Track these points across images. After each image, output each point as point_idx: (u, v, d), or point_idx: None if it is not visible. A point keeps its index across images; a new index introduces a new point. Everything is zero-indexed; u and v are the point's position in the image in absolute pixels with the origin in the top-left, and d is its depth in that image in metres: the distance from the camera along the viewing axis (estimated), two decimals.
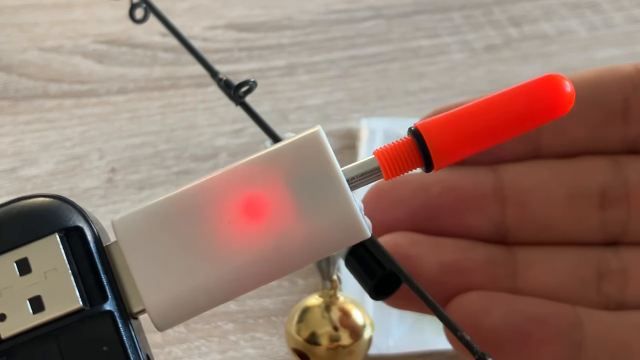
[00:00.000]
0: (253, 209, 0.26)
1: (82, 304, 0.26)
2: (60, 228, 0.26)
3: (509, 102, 0.27)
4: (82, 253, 0.26)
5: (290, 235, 0.26)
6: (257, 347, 0.43)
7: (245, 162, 0.27)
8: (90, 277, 0.26)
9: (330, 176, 0.26)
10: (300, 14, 0.63)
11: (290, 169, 0.27)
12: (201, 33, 0.61)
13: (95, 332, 0.26)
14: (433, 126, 0.27)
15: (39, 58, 0.59)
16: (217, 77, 0.35)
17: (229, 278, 0.26)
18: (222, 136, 0.54)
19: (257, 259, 0.26)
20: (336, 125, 0.55)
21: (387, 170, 0.27)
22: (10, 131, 0.54)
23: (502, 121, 0.26)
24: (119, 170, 0.52)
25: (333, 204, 0.26)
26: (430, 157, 0.27)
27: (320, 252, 0.27)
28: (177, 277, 0.26)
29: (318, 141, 0.27)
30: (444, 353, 0.42)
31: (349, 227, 0.26)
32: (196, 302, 0.26)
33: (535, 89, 0.27)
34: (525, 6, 0.63)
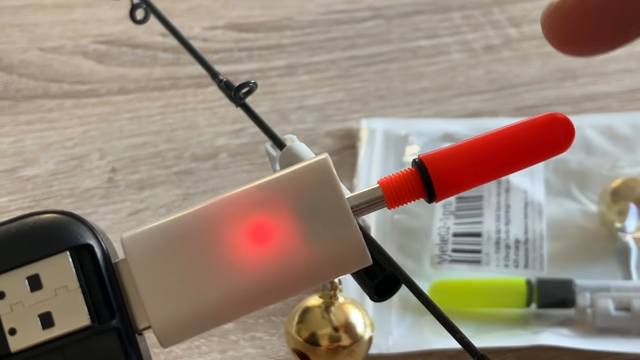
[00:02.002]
0: (259, 234, 0.27)
1: (91, 321, 0.26)
2: (71, 246, 0.27)
3: (512, 138, 0.27)
4: (91, 270, 0.27)
5: (295, 260, 0.27)
6: (257, 347, 0.43)
7: (253, 186, 0.27)
8: (98, 294, 0.27)
9: (336, 204, 0.27)
10: (300, 14, 0.63)
11: (297, 195, 0.27)
12: (201, 33, 0.61)
13: (102, 348, 0.26)
14: (437, 158, 0.27)
15: (39, 58, 0.59)
16: (218, 78, 0.35)
17: (233, 300, 0.27)
18: (222, 136, 0.54)
19: (261, 282, 0.27)
20: (336, 125, 0.55)
21: (391, 199, 0.28)
22: (11, 131, 0.54)
23: (504, 156, 0.27)
24: (119, 170, 0.52)
25: (338, 232, 0.27)
26: (432, 189, 0.27)
27: (324, 277, 0.28)
28: (182, 296, 0.27)
29: (325, 169, 0.27)
30: (444, 352, 0.42)
31: (353, 254, 0.27)
32: (200, 321, 0.27)
33: (538, 127, 0.27)
34: (525, 6, 0.63)
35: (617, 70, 0.58)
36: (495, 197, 0.48)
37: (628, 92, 0.56)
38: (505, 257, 0.45)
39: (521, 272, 0.44)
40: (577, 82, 0.57)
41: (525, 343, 0.42)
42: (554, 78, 0.57)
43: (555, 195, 0.49)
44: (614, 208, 0.46)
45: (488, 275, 0.45)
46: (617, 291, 0.42)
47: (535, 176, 0.49)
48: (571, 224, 0.47)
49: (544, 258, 0.45)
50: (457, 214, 0.47)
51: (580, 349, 0.41)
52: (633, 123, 0.53)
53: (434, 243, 0.46)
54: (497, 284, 0.44)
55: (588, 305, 0.42)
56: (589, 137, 0.52)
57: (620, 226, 0.45)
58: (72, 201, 0.50)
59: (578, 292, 0.43)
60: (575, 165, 0.50)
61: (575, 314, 0.43)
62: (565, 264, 0.45)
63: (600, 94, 0.56)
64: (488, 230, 0.46)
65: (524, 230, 0.46)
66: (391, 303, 0.44)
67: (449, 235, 0.46)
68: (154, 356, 0.43)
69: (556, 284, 0.43)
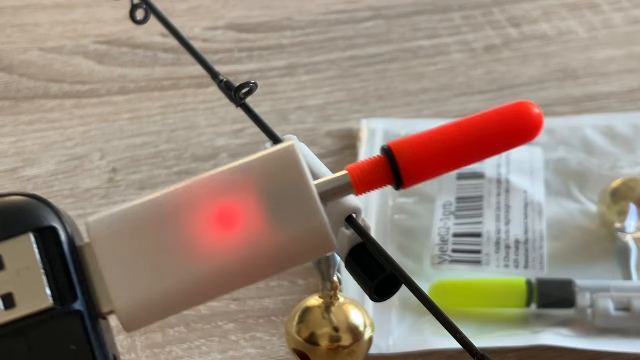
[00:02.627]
0: (225, 218, 0.27)
1: (53, 302, 0.26)
2: (34, 227, 0.27)
3: (480, 125, 0.27)
4: (55, 252, 0.27)
5: (260, 245, 0.27)
6: (257, 347, 0.43)
7: (220, 171, 0.27)
8: (61, 277, 0.27)
9: (303, 190, 0.27)
10: (300, 14, 0.63)
11: (263, 180, 0.27)
12: (201, 33, 0.61)
13: (63, 331, 0.26)
14: (404, 146, 0.27)
15: (39, 58, 0.59)
16: (218, 78, 0.35)
17: (198, 284, 0.27)
18: (222, 136, 0.54)
19: (226, 266, 0.27)
20: (336, 125, 0.55)
21: (358, 185, 0.28)
22: (12, 131, 0.54)
23: (472, 143, 0.27)
24: (119, 170, 0.52)
25: (303, 217, 0.27)
26: (400, 176, 0.27)
27: (289, 263, 0.27)
28: (147, 281, 0.27)
29: (292, 155, 0.27)
30: (444, 352, 0.42)
31: (318, 239, 0.27)
32: (164, 305, 0.27)
33: (506, 114, 0.27)
34: (525, 6, 0.63)
35: (617, 70, 0.58)
36: (495, 197, 0.48)
37: (628, 92, 0.56)
38: (505, 257, 0.45)
39: (521, 272, 0.44)
40: (577, 82, 0.57)
41: (525, 343, 0.42)
42: (554, 78, 0.57)
43: (555, 195, 0.49)
44: (614, 208, 0.46)
45: (488, 275, 0.45)
46: (617, 291, 0.42)
47: (535, 176, 0.49)
48: (571, 224, 0.48)
49: (544, 258, 0.45)
50: (457, 214, 0.47)
51: (580, 349, 0.41)
52: (633, 123, 0.53)
53: (434, 243, 0.46)
54: (497, 284, 0.44)
55: (588, 305, 0.42)
56: (589, 137, 0.52)
57: (620, 226, 0.46)
58: (72, 201, 0.50)
59: (578, 292, 0.43)
60: (575, 165, 0.50)
61: (575, 314, 0.43)
62: (565, 264, 0.45)
63: (600, 94, 0.56)
64: (488, 231, 0.46)
65: (524, 230, 0.46)
66: (391, 303, 0.44)
67: (449, 235, 0.46)
68: (154, 356, 0.43)
69: (556, 284, 0.43)
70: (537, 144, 0.52)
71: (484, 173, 0.49)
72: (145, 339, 0.43)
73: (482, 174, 0.49)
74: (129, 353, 0.43)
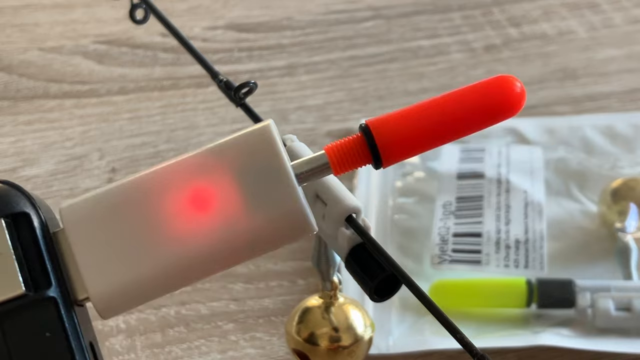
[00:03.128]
0: (200, 201, 0.26)
1: (25, 289, 0.26)
2: (6, 213, 0.26)
3: (460, 100, 0.26)
4: (28, 239, 0.26)
5: (236, 227, 0.26)
6: (257, 347, 0.43)
7: (194, 153, 0.27)
8: (35, 263, 0.26)
9: (278, 170, 0.26)
10: (300, 14, 0.63)
11: (238, 161, 0.26)
12: (201, 33, 0.61)
13: (37, 318, 0.26)
14: (383, 123, 0.27)
15: (39, 58, 0.59)
16: (218, 78, 0.35)
17: (174, 268, 0.26)
18: (222, 136, 0.53)
19: (202, 250, 0.26)
20: (336, 125, 0.55)
21: (336, 165, 0.27)
22: (11, 131, 0.54)
23: (453, 119, 0.26)
24: (119, 170, 0.52)
25: (280, 198, 0.26)
26: (379, 154, 0.27)
27: (267, 245, 0.27)
28: (122, 266, 0.26)
29: (267, 135, 0.27)
30: (444, 353, 0.42)
31: (295, 221, 0.26)
32: (140, 291, 0.26)
33: (487, 89, 0.27)
34: (525, 6, 0.63)
35: (617, 70, 0.58)
36: (495, 197, 0.48)
37: (628, 92, 0.56)
38: (506, 257, 0.45)
39: (521, 272, 0.44)
40: (578, 82, 0.57)
41: (525, 343, 0.42)
42: (554, 78, 0.57)
43: (555, 195, 0.49)
44: (614, 208, 0.46)
45: (488, 275, 0.44)
46: (618, 291, 0.42)
47: (535, 176, 0.49)
48: (571, 224, 0.47)
49: (544, 258, 0.45)
50: (457, 214, 0.47)
51: (581, 349, 0.41)
52: (633, 123, 0.53)
53: (434, 243, 0.46)
54: (497, 284, 0.44)
55: (588, 306, 0.42)
56: (589, 137, 0.52)
57: (621, 226, 0.45)
58: None
59: (578, 292, 0.42)
60: (576, 165, 0.50)
61: (576, 314, 0.43)
62: (565, 264, 0.45)
63: (600, 93, 0.56)
64: (488, 231, 0.46)
65: (524, 230, 0.46)
66: (391, 303, 0.44)
67: (449, 235, 0.46)
68: (154, 356, 0.43)
69: (556, 284, 0.43)
70: (537, 144, 0.52)
71: (484, 173, 0.49)
72: (145, 339, 0.43)
73: (482, 174, 0.49)
74: (128, 353, 0.43)
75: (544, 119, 0.54)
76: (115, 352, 0.42)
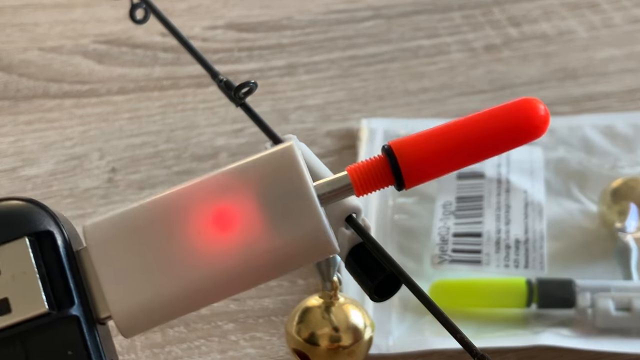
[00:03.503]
0: (223, 221, 0.27)
1: (49, 308, 0.26)
2: (31, 232, 0.27)
3: (484, 123, 0.27)
4: (51, 257, 0.27)
5: (259, 248, 0.26)
6: (257, 347, 0.43)
7: (218, 173, 0.27)
8: (58, 282, 0.26)
9: (301, 191, 0.27)
10: (300, 14, 0.63)
11: (261, 182, 0.27)
12: (201, 33, 0.61)
13: (60, 336, 0.26)
14: (406, 145, 0.27)
15: (39, 58, 0.59)
16: (218, 78, 0.35)
17: (196, 288, 0.26)
18: (222, 136, 0.54)
19: (224, 270, 0.26)
20: (336, 125, 0.55)
21: (359, 187, 0.27)
22: (11, 131, 0.54)
23: (476, 142, 0.26)
24: (119, 170, 0.52)
25: (302, 219, 0.26)
26: (401, 176, 0.27)
27: (288, 266, 0.27)
28: (144, 285, 0.26)
29: (291, 156, 0.27)
30: (444, 353, 0.42)
31: (317, 242, 0.27)
32: (163, 310, 0.27)
33: (511, 112, 0.27)
34: (525, 6, 0.63)
35: (617, 70, 0.58)
36: (495, 197, 0.47)
37: (628, 92, 0.56)
38: (506, 257, 0.45)
39: (521, 272, 0.44)
40: (578, 82, 0.57)
41: (525, 343, 0.42)
42: (554, 78, 0.57)
43: (555, 195, 0.49)
44: (614, 208, 0.46)
45: (488, 275, 0.44)
46: (618, 291, 0.42)
47: (535, 176, 0.49)
48: (571, 224, 0.47)
49: (544, 258, 0.45)
50: (457, 214, 0.47)
51: (581, 349, 0.41)
52: (633, 123, 0.53)
53: (434, 243, 0.45)
54: (497, 284, 0.44)
55: (588, 305, 0.42)
56: (589, 137, 0.52)
57: (621, 226, 0.45)
58: (71, 201, 0.50)
59: (578, 292, 0.42)
60: (576, 165, 0.50)
61: (576, 314, 0.43)
62: (565, 264, 0.45)
63: (600, 93, 0.56)
64: (488, 230, 0.46)
65: (524, 230, 0.46)
66: (391, 303, 0.44)
67: (449, 235, 0.46)
68: (154, 356, 0.43)
69: (556, 284, 0.43)
70: (538, 144, 0.52)
71: (484, 173, 0.49)
72: (145, 339, 0.43)
73: (482, 173, 0.49)
74: (128, 353, 0.43)
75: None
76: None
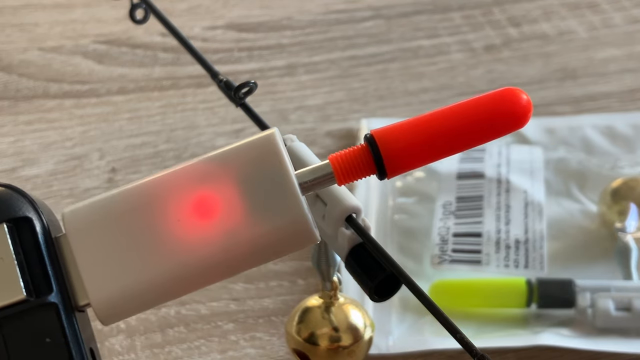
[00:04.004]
0: (203, 208, 0.26)
1: (27, 294, 0.26)
2: (8, 218, 0.26)
3: (466, 113, 0.26)
4: (29, 244, 0.26)
5: (239, 235, 0.26)
6: (257, 347, 0.43)
7: (199, 160, 0.27)
8: (36, 269, 0.26)
9: (282, 179, 0.26)
10: (300, 14, 0.63)
11: (242, 169, 0.26)
12: (201, 33, 0.61)
13: (38, 323, 0.26)
14: (388, 134, 0.27)
15: (39, 58, 0.59)
16: (218, 78, 0.35)
17: (176, 276, 0.26)
18: (222, 136, 0.54)
19: (204, 257, 0.26)
20: (336, 125, 0.55)
21: (340, 175, 0.27)
22: (11, 131, 0.54)
23: (458, 131, 0.26)
24: (119, 170, 0.52)
25: (283, 207, 0.26)
26: (383, 166, 0.27)
27: (269, 254, 0.27)
28: (123, 272, 0.26)
29: (272, 143, 0.27)
30: (444, 353, 0.42)
31: (298, 230, 0.26)
32: (142, 298, 0.26)
33: (494, 101, 0.26)
34: (525, 6, 0.63)
35: (617, 70, 0.58)
36: (495, 197, 0.47)
37: (628, 92, 0.56)
38: (506, 257, 0.45)
39: (521, 272, 0.44)
40: (578, 82, 0.57)
41: (525, 343, 0.42)
42: (554, 78, 0.57)
43: (555, 195, 0.49)
44: (614, 208, 0.46)
45: (488, 275, 0.44)
46: (618, 291, 0.42)
47: (535, 176, 0.49)
48: (571, 224, 0.47)
49: (544, 258, 0.45)
50: (457, 214, 0.47)
51: (581, 349, 0.41)
52: (633, 123, 0.53)
53: (434, 243, 0.45)
54: (497, 284, 0.44)
55: (588, 305, 0.42)
56: (589, 137, 0.52)
57: (621, 226, 0.45)
58: (71, 201, 0.50)
59: (578, 292, 0.42)
60: (576, 165, 0.50)
61: (576, 314, 0.43)
62: (565, 264, 0.45)
63: (600, 93, 0.56)
64: (488, 230, 0.46)
65: (524, 230, 0.46)
66: (391, 303, 0.44)
67: (449, 235, 0.46)
68: (154, 356, 0.43)
69: (556, 284, 0.43)
70: (538, 144, 0.52)
71: (484, 173, 0.49)
72: (145, 339, 0.43)
73: (482, 173, 0.49)
74: (128, 353, 0.43)
75: (544, 119, 0.54)
76: (115, 352, 0.42)
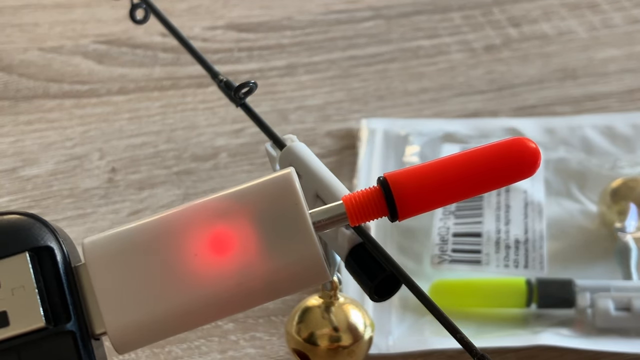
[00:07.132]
0: (219, 244, 0.27)
1: (46, 322, 0.26)
2: (31, 247, 0.27)
3: (476, 161, 0.27)
4: (50, 273, 0.27)
5: (253, 272, 0.27)
6: (257, 347, 0.43)
7: (216, 197, 0.28)
8: (56, 297, 0.27)
9: (298, 218, 0.27)
10: (300, 14, 0.63)
11: (259, 207, 0.27)
12: (201, 33, 0.61)
13: (56, 351, 0.27)
14: (401, 178, 0.28)
15: (39, 58, 0.59)
16: (218, 78, 0.35)
17: (191, 309, 0.27)
18: (222, 136, 0.54)
19: (219, 292, 0.27)
20: (336, 125, 0.55)
21: (353, 216, 0.28)
22: (11, 131, 0.54)
23: (469, 179, 0.27)
24: (119, 170, 0.52)
25: (297, 246, 0.27)
26: (395, 209, 0.27)
27: (282, 291, 0.28)
28: (139, 303, 0.27)
29: (289, 183, 0.28)
30: (444, 353, 0.42)
31: (311, 268, 0.27)
32: (157, 329, 0.27)
33: (504, 150, 0.28)
34: (525, 6, 0.63)
35: (617, 70, 0.58)
36: (495, 197, 0.48)
37: (628, 92, 0.56)
38: (505, 257, 0.45)
39: (521, 272, 0.44)
40: (577, 82, 0.57)
41: (525, 343, 0.42)
42: (554, 78, 0.57)
43: (555, 195, 0.49)
44: (614, 208, 0.46)
45: (488, 275, 0.44)
46: (617, 291, 0.42)
47: (535, 176, 0.49)
48: (571, 224, 0.47)
49: (544, 258, 0.45)
50: (457, 214, 0.47)
51: (581, 349, 0.41)
52: (633, 123, 0.53)
53: (434, 243, 0.46)
54: (497, 284, 0.44)
55: (588, 305, 0.42)
56: (589, 137, 0.52)
57: (620, 226, 0.45)
58: (71, 201, 0.50)
59: (578, 292, 0.42)
60: (575, 165, 0.50)
61: (576, 314, 0.43)
62: (565, 264, 0.45)
63: (600, 93, 0.56)
64: (488, 231, 0.46)
65: (524, 230, 0.46)
66: (391, 303, 0.44)
67: (449, 235, 0.46)
68: (154, 356, 0.43)
69: (556, 284, 0.43)
70: (538, 144, 0.52)
71: None
72: None
73: None
74: (128, 353, 0.43)
75: (544, 119, 0.54)
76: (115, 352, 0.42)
